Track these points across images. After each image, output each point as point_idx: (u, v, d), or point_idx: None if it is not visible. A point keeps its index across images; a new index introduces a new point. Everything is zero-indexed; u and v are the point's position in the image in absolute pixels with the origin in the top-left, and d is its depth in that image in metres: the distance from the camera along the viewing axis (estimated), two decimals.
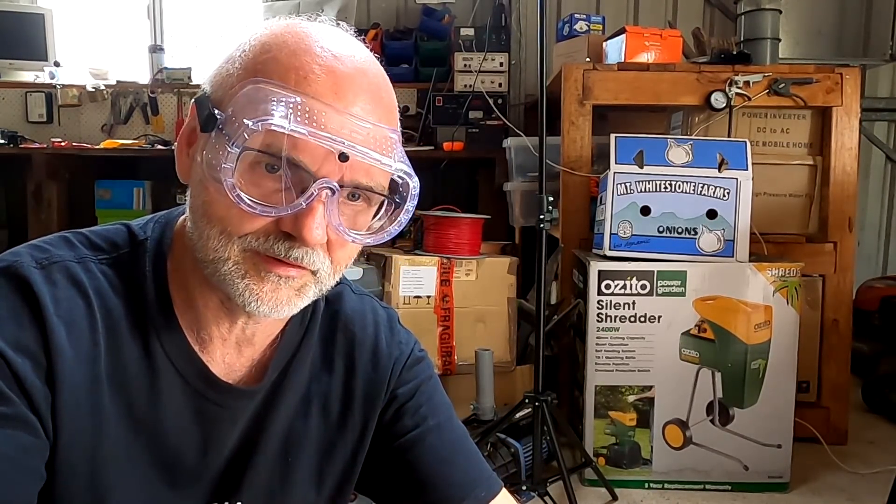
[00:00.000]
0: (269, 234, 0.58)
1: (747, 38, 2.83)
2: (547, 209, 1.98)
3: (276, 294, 0.60)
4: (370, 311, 0.78)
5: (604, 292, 2.11)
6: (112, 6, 4.13)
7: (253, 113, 0.55)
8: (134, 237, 0.67)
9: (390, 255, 2.36)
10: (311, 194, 0.56)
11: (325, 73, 0.58)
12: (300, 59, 0.58)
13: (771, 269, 2.09)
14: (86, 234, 0.67)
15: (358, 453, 0.75)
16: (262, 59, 0.59)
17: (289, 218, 0.57)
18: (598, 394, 2.14)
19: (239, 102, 0.57)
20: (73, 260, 0.63)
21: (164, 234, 0.67)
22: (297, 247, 0.58)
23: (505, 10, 3.82)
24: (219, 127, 0.57)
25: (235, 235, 0.58)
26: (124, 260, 0.65)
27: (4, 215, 3.98)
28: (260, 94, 0.56)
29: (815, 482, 2.18)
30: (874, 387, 2.82)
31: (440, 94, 3.57)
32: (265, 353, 0.70)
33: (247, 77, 0.58)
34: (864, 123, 3.46)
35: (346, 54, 0.60)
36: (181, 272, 0.65)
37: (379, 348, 0.76)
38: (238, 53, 0.61)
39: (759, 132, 2.55)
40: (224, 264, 0.59)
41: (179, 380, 0.65)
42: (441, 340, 2.39)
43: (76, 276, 0.62)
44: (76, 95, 3.85)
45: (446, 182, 3.91)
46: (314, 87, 0.57)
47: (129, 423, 0.63)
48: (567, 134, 2.50)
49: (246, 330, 0.67)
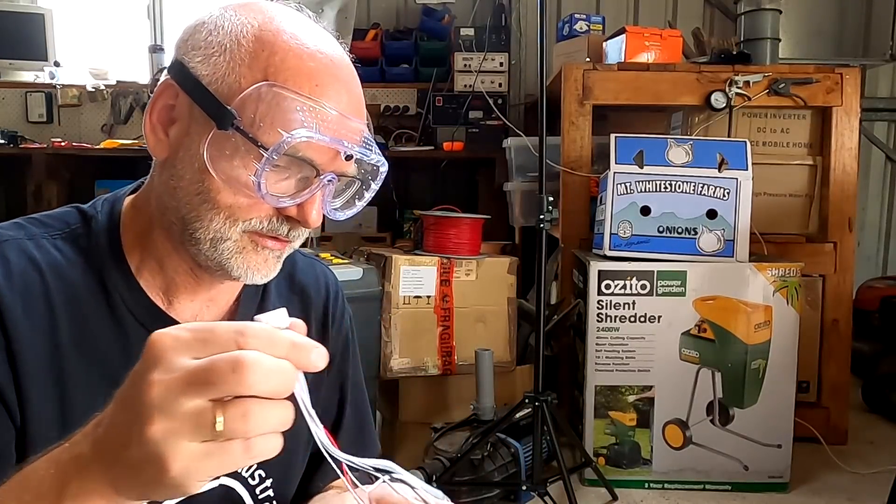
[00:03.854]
0: (271, 219, 0.64)
1: (747, 38, 2.83)
2: (547, 209, 1.98)
3: (267, 264, 0.66)
4: (322, 277, 0.86)
5: (604, 292, 2.11)
6: (112, 6, 4.13)
7: (284, 123, 0.60)
8: (84, 214, 0.71)
9: (390, 255, 2.35)
10: (316, 186, 0.63)
11: (331, 80, 0.63)
12: (307, 66, 0.62)
13: (771, 269, 2.09)
14: (36, 216, 0.70)
15: None
16: (270, 60, 0.62)
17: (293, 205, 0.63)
18: (598, 394, 2.14)
19: (261, 108, 0.60)
20: (25, 238, 0.66)
21: (113, 208, 0.71)
22: (297, 228, 0.65)
23: (505, 10, 3.82)
24: (236, 126, 0.60)
25: (241, 220, 0.63)
26: (78, 233, 0.69)
27: (4, 215, 3.96)
28: (284, 104, 0.60)
29: (815, 482, 2.18)
30: (874, 387, 2.82)
31: (440, 94, 3.57)
32: (229, 309, 0.76)
33: (255, 77, 0.61)
34: (864, 123, 3.46)
35: (336, 56, 0.65)
36: (143, 240, 0.69)
37: (329, 320, 0.85)
38: (233, 43, 0.63)
39: (759, 132, 2.55)
40: (223, 243, 0.64)
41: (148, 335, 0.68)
42: (441, 340, 2.39)
43: (28, 251, 0.65)
44: (76, 95, 3.85)
45: (446, 182, 3.92)
46: (327, 95, 0.62)
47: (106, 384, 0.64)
48: (567, 134, 2.50)
49: (211, 290, 0.72)
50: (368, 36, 3.74)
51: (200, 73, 0.63)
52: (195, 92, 0.62)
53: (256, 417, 0.40)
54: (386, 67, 3.73)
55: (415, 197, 3.94)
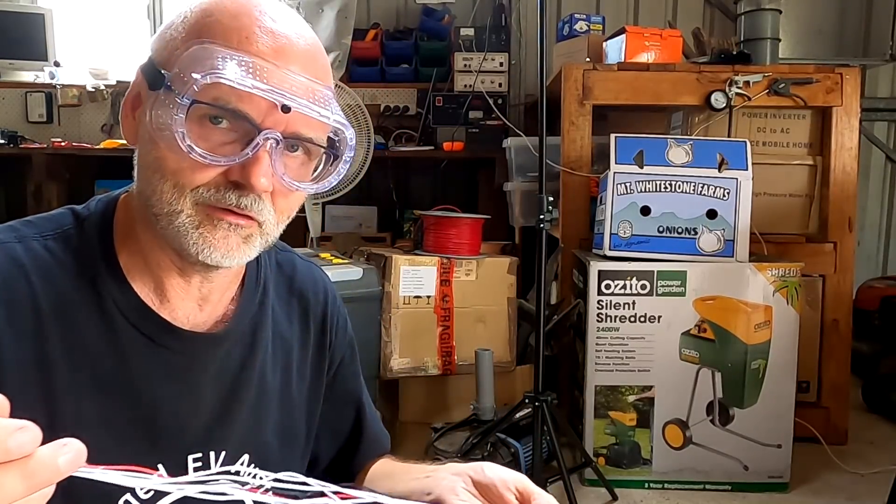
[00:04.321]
0: (219, 186, 0.61)
1: (747, 38, 2.83)
2: (547, 209, 1.98)
3: (227, 241, 0.63)
4: (321, 282, 0.86)
5: (604, 292, 2.11)
6: (112, 6, 4.13)
7: (200, 68, 0.58)
8: (77, 215, 0.70)
9: (390, 255, 2.36)
10: (256, 144, 0.60)
11: (265, 33, 0.62)
12: (241, 21, 0.61)
13: (771, 269, 2.09)
14: (30, 218, 0.69)
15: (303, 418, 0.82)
16: (205, 21, 0.62)
17: (237, 167, 0.61)
18: (598, 394, 2.14)
19: (185, 61, 0.60)
20: (13, 241, 0.64)
21: (107, 208, 0.70)
22: (245, 195, 0.62)
23: (505, 10, 3.82)
24: (166, 85, 0.60)
25: (188, 188, 0.61)
26: (70, 234, 0.68)
27: (4, 215, 3.98)
28: (205, 53, 0.59)
29: (815, 482, 2.18)
30: (874, 387, 2.82)
31: (440, 94, 3.57)
32: (228, 309, 0.74)
33: (190, 39, 0.61)
34: (864, 123, 3.46)
35: (283, 18, 0.64)
36: (131, 238, 0.68)
37: (328, 324, 0.84)
38: (180, 20, 0.64)
39: (759, 132, 2.55)
40: (178, 217, 0.62)
41: (141, 337, 0.67)
42: (441, 340, 2.39)
43: (16, 256, 0.63)
44: (76, 95, 3.85)
45: (446, 182, 3.92)
46: (256, 47, 0.61)
47: (98, 388, 0.64)
48: (567, 134, 2.50)
49: (202, 289, 0.70)
50: (368, 36, 3.74)
51: (153, 52, 0.65)
52: (146, 69, 0.63)
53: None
54: (386, 67, 3.73)
55: (415, 197, 3.94)
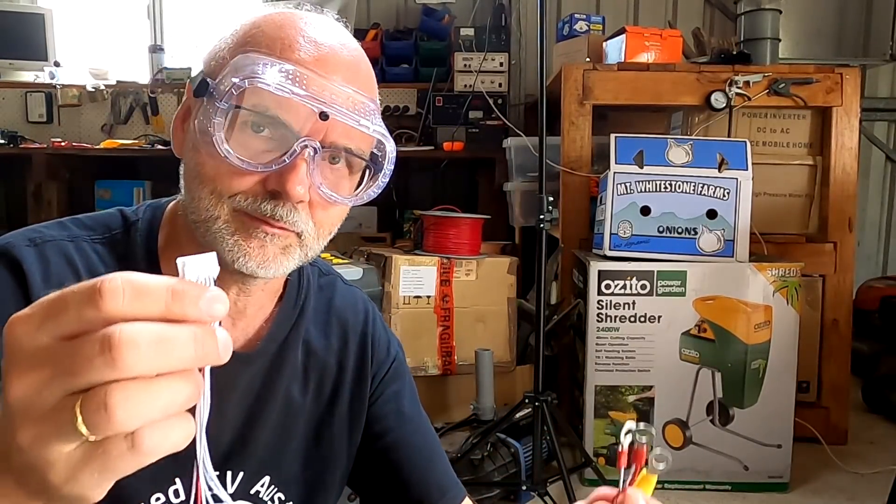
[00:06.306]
0: (256, 195, 0.61)
1: (747, 38, 2.83)
2: (547, 209, 1.98)
3: (263, 251, 0.62)
4: (361, 303, 0.83)
5: (604, 292, 2.11)
6: (112, 6, 4.13)
7: (241, 74, 0.59)
8: (126, 219, 0.70)
9: (390, 255, 2.36)
10: (293, 151, 0.59)
11: (308, 42, 0.62)
12: (285, 31, 0.62)
13: (771, 269, 2.09)
14: (80, 217, 0.70)
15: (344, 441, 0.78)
16: (252, 32, 0.63)
17: (274, 176, 0.60)
18: (598, 394, 2.14)
19: (228, 69, 0.60)
20: (66, 239, 0.66)
21: (154, 215, 0.71)
22: (282, 205, 0.61)
23: (505, 10, 3.82)
24: (210, 92, 0.60)
25: (225, 195, 0.61)
26: (118, 238, 0.68)
27: (4, 215, 3.97)
28: (248, 61, 0.60)
29: (815, 482, 2.18)
30: (874, 387, 2.82)
31: (440, 94, 3.57)
32: (261, 328, 0.73)
33: (237, 49, 0.63)
34: (864, 123, 3.46)
35: (328, 30, 0.64)
36: (175, 246, 0.68)
37: (367, 343, 0.81)
38: (229, 34, 0.65)
39: (759, 132, 2.55)
40: (215, 223, 0.61)
41: None
42: (441, 340, 2.39)
43: (68, 254, 0.64)
44: (76, 95, 3.85)
45: (446, 182, 3.92)
46: (298, 55, 0.61)
47: None
48: (567, 134, 2.50)
49: (238, 302, 0.69)
50: (368, 36, 3.74)
51: (203, 64, 0.66)
52: (195, 80, 0.63)
53: (125, 406, 0.31)
54: (386, 67, 3.73)
55: (415, 197, 3.94)
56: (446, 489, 0.80)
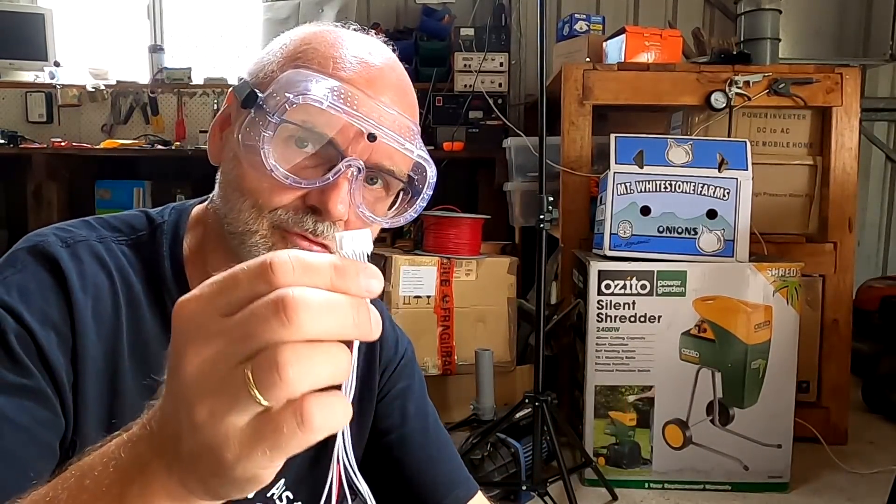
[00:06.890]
0: (297, 210, 0.61)
1: (747, 38, 2.83)
2: (547, 209, 1.98)
3: None
4: (399, 333, 0.85)
5: (604, 292, 2.11)
6: (112, 6, 4.13)
7: (293, 90, 0.59)
8: (152, 221, 0.71)
9: (390, 255, 2.36)
10: (338, 170, 0.60)
11: (359, 63, 0.63)
12: (337, 50, 0.63)
13: (771, 269, 2.09)
14: (106, 218, 0.71)
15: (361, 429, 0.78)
16: (303, 48, 0.64)
17: (315, 192, 0.61)
18: (598, 394, 2.14)
19: (279, 83, 0.61)
20: (96, 240, 0.67)
21: (180, 218, 0.71)
22: (322, 221, 0.61)
23: (505, 10, 3.82)
24: (259, 104, 0.61)
25: (266, 209, 0.61)
26: (143, 241, 0.69)
27: (4, 215, 3.98)
28: (299, 76, 0.60)
29: (815, 482, 2.18)
30: (874, 387, 2.82)
31: (440, 94, 3.57)
32: None
33: (287, 64, 0.63)
34: (864, 123, 3.46)
35: (377, 51, 0.66)
36: (200, 252, 0.69)
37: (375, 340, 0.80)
38: (278, 47, 0.66)
39: (759, 132, 2.55)
40: (252, 236, 0.62)
41: None
42: (441, 340, 2.39)
43: (100, 254, 0.66)
44: (76, 95, 3.85)
45: (446, 182, 3.89)
46: (348, 75, 0.62)
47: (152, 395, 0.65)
48: (567, 134, 2.50)
49: None
50: None
51: (249, 74, 0.67)
52: (240, 89, 0.64)
53: (296, 365, 0.32)
54: None
55: None
56: (454, 486, 0.80)
